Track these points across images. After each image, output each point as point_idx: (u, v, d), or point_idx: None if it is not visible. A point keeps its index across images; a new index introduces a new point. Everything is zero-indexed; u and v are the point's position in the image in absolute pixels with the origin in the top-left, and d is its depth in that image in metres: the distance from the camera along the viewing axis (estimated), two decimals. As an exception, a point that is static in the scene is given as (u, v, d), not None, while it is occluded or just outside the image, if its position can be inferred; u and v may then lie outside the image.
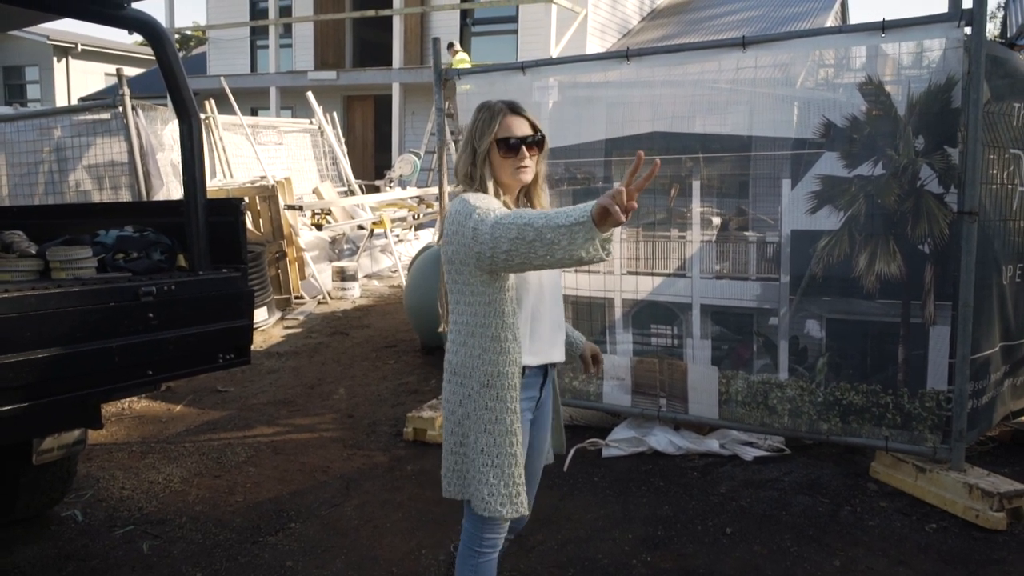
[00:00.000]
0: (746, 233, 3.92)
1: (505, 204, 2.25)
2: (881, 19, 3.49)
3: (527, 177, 2.29)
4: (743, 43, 3.77)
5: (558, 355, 2.40)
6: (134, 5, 3.08)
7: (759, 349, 3.91)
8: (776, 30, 13.40)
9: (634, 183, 1.82)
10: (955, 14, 3.31)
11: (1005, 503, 3.21)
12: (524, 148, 2.26)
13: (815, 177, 3.69)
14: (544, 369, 2.38)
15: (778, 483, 3.74)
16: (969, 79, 3.29)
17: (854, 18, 20.43)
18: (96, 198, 7.24)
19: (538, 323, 2.29)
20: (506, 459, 2.18)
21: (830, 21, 15.33)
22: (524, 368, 2.25)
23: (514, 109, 2.29)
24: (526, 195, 2.36)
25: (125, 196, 7.09)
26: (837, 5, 16.73)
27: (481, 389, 2.19)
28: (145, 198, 6.85)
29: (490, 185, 2.25)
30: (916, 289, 3.52)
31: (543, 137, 2.31)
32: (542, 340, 2.32)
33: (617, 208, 1.79)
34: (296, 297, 8.16)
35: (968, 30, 3.29)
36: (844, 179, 3.62)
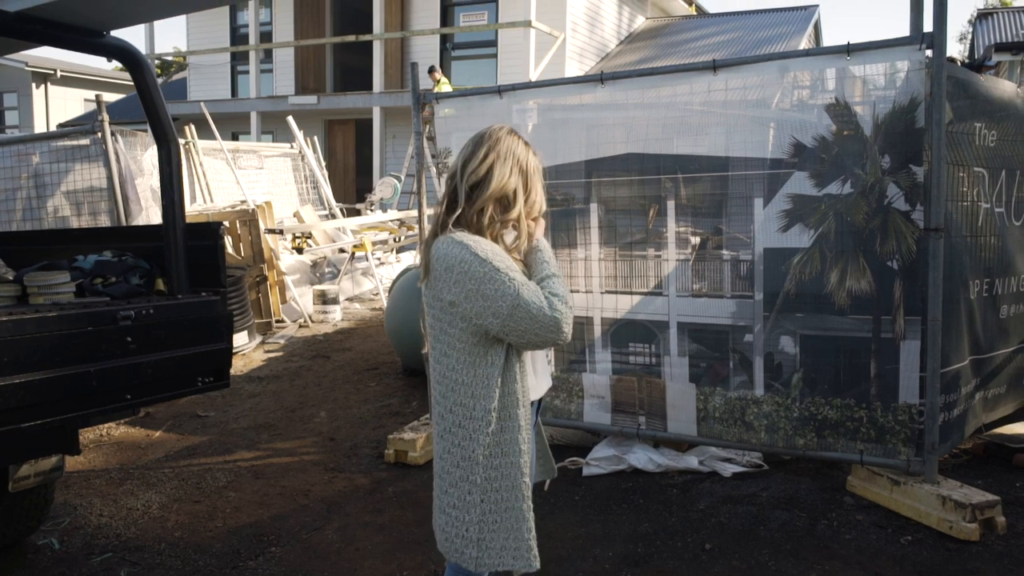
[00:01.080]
0: (721, 251, 3.99)
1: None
2: (846, 42, 3.59)
3: (537, 236, 2.20)
4: (714, 66, 3.85)
5: (547, 383, 2.35)
6: (113, 32, 3.12)
7: (735, 366, 3.96)
8: (750, 53, 13.64)
9: None
10: (916, 37, 3.42)
11: (978, 514, 3.26)
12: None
13: (786, 196, 3.76)
14: (538, 402, 2.32)
15: (756, 498, 3.77)
16: (931, 100, 3.38)
17: (827, 41, 20.85)
18: (75, 224, 7.23)
19: (535, 356, 2.24)
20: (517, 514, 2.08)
21: (803, 44, 15.63)
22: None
23: (528, 145, 2.17)
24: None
25: (104, 222, 7.09)
26: (811, 28, 17.06)
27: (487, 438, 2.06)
28: (124, 224, 6.85)
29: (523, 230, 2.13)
30: (886, 304, 3.59)
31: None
32: (538, 373, 2.26)
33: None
34: (277, 321, 8.14)
35: (929, 53, 3.39)
36: (814, 197, 3.70)
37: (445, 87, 12.37)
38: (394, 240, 10.68)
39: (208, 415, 5.46)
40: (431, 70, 12.81)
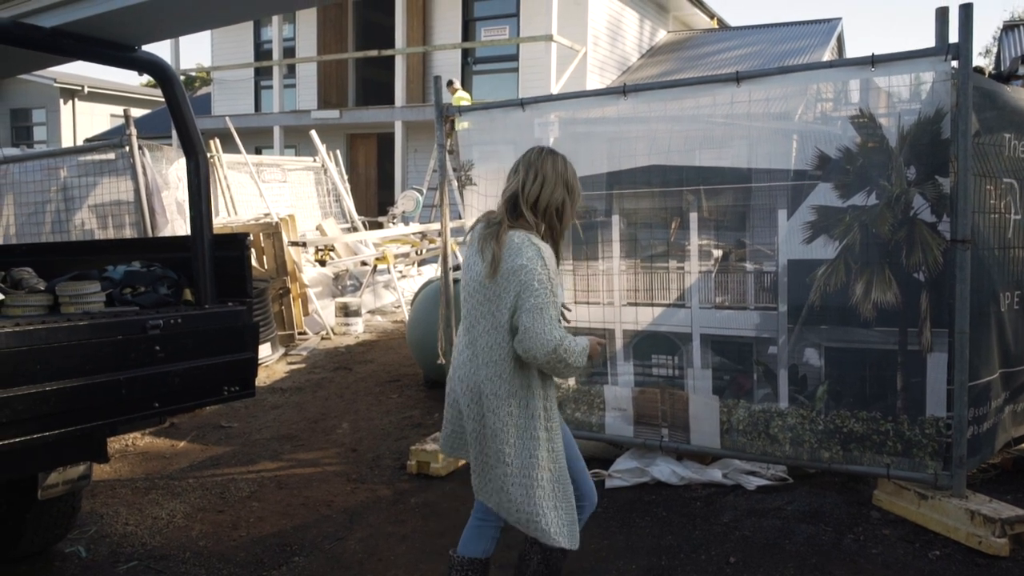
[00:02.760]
0: (744, 263, 3.98)
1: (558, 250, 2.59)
2: (871, 54, 3.58)
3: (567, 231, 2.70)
4: (737, 78, 3.85)
5: None
6: (144, 48, 3.18)
7: (759, 378, 3.93)
8: (773, 65, 13.62)
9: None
10: (942, 48, 3.40)
11: (1008, 529, 3.21)
12: None
13: (810, 207, 3.75)
14: None
15: (781, 512, 3.74)
16: (957, 111, 3.36)
17: (851, 54, 20.75)
18: (100, 236, 7.34)
19: None
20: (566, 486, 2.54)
21: (827, 56, 15.56)
22: None
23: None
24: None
25: (130, 234, 7.19)
26: (834, 41, 17.00)
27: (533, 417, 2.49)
28: (150, 236, 6.94)
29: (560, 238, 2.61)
30: (912, 317, 3.56)
31: None
32: None
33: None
34: (300, 333, 8.20)
35: (955, 63, 3.37)
36: (839, 209, 3.68)
37: (463, 100, 12.45)
38: (416, 253, 10.73)
39: (231, 426, 5.50)
40: (448, 83, 12.92)
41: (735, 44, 17.32)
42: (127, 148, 7.09)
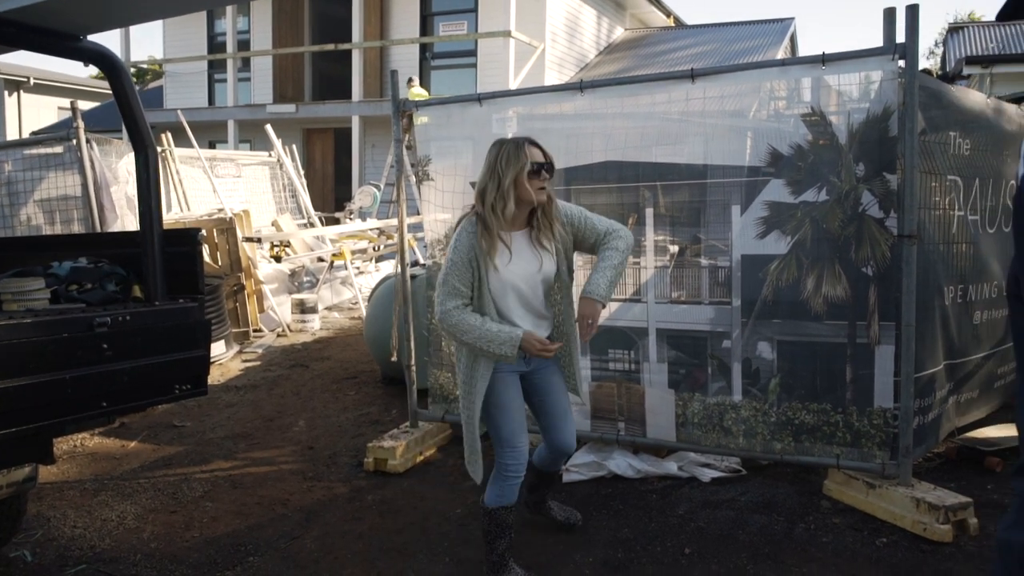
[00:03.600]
0: (699, 258, 4.02)
1: (490, 231, 2.87)
2: (821, 53, 3.65)
3: (544, 197, 2.89)
4: (692, 75, 3.90)
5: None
6: (90, 37, 3.10)
7: (714, 372, 3.99)
8: (727, 63, 13.81)
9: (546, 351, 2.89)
10: (889, 48, 3.48)
11: (951, 516, 3.31)
12: (545, 171, 2.88)
13: (763, 203, 3.81)
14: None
15: (735, 503, 3.80)
16: (904, 109, 3.44)
17: (803, 52, 21.14)
18: (48, 232, 7.13)
19: (510, 312, 2.96)
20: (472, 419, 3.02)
21: (780, 55, 15.84)
22: None
23: (532, 142, 2.90)
24: (543, 213, 2.93)
25: (78, 230, 7.00)
26: (787, 40, 17.30)
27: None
28: (99, 231, 6.77)
29: (510, 205, 2.85)
30: (861, 310, 3.64)
31: (551, 164, 2.91)
32: (515, 324, 2.95)
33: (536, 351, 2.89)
34: (255, 330, 8.08)
35: (902, 63, 3.45)
36: (791, 205, 3.75)
37: (420, 96, 12.38)
38: (373, 249, 10.65)
39: (184, 425, 5.40)
40: (408, 81, 12.85)
41: (691, 42, 17.53)
42: (74, 141, 6.90)
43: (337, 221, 12.94)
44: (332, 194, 17.49)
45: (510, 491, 3.04)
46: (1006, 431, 4.30)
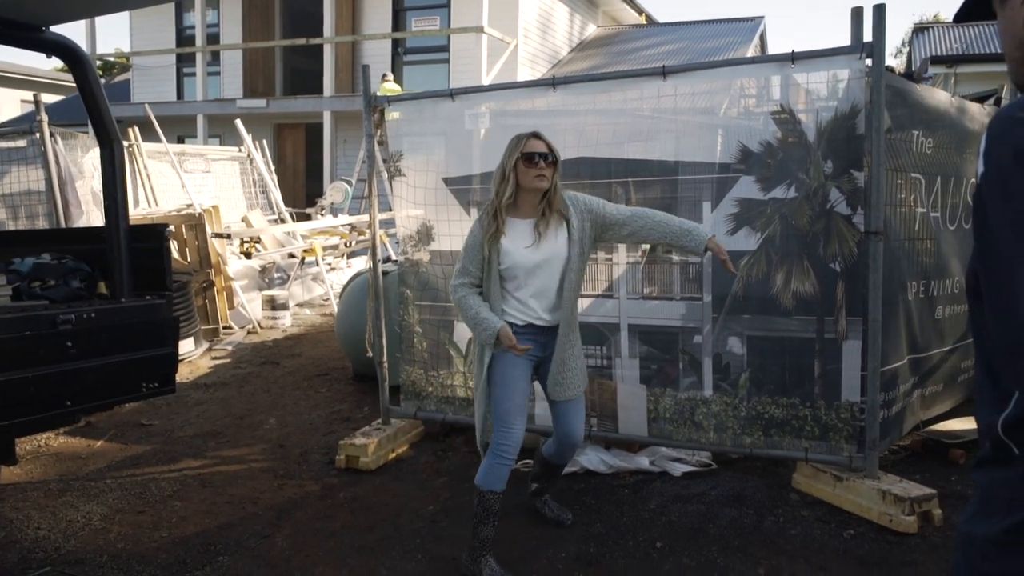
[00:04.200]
0: (671, 255, 4.05)
1: (497, 216, 3.09)
2: (791, 51, 3.69)
3: (544, 184, 3.06)
4: (663, 73, 3.91)
5: (547, 319, 3.18)
6: (53, 28, 3.04)
7: (685, 367, 4.02)
8: (698, 61, 13.90)
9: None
10: (857, 47, 3.52)
11: (916, 507, 3.37)
12: (541, 161, 3.04)
13: (734, 200, 3.84)
14: (531, 327, 3.16)
15: (705, 497, 3.83)
16: (871, 107, 3.49)
17: (772, 51, 21.35)
18: (10, 228, 6.99)
19: (521, 293, 3.14)
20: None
21: (750, 53, 15.97)
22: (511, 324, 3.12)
23: (535, 135, 3.10)
24: (548, 202, 3.10)
25: (42, 226, 6.88)
26: (757, 39, 17.45)
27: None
28: (64, 227, 6.65)
29: (510, 190, 3.07)
30: (829, 306, 3.69)
31: (556, 157, 3.08)
32: (527, 306, 3.15)
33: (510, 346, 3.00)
34: (224, 327, 7.99)
35: (869, 62, 3.50)
36: (761, 201, 3.79)
37: (392, 92, 12.32)
38: (345, 245, 10.57)
39: (152, 424, 5.32)
40: (383, 77, 12.78)
41: (662, 40, 17.61)
42: (38, 135, 6.77)
43: (308, 217, 12.83)
44: (303, 190, 17.33)
45: (497, 473, 3.09)
46: (969, 424, 4.38)
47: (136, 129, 9.96)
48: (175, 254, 7.58)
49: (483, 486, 3.12)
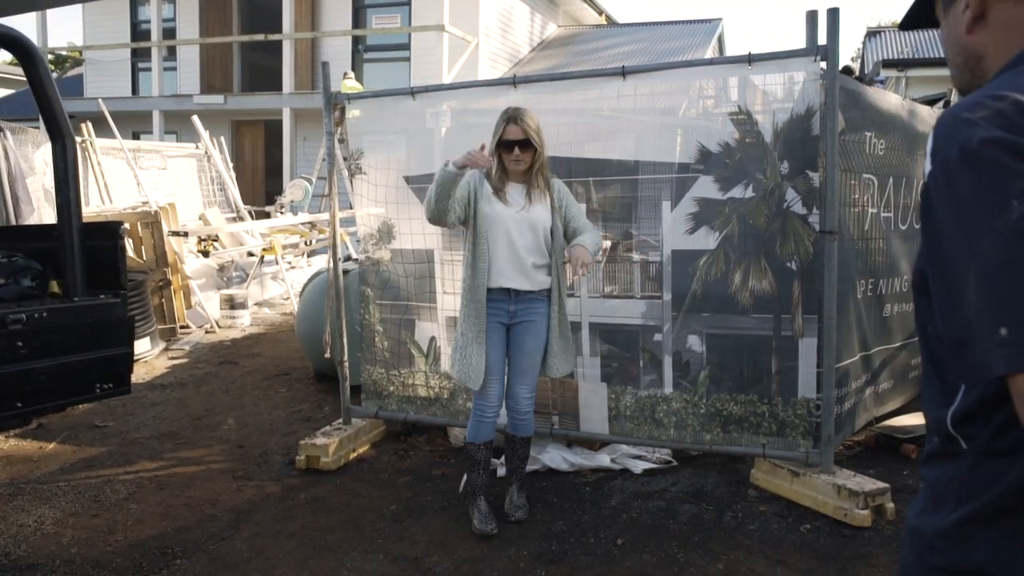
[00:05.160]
0: (631, 254, 4.09)
1: (497, 187, 3.42)
2: (748, 52, 3.75)
3: (521, 168, 3.40)
4: (623, 73, 3.95)
5: (520, 284, 3.44)
6: (2, 21, 2.96)
7: (646, 365, 4.06)
8: (657, 62, 14.04)
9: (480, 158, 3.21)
10: (812, 49, 3.59)
11: (870, 501, 3.45)
12: (517, 148, 3.35)
13: (693, 199, 3.89)
14: (507, 291, 3.44)
15: (666, 493, 3.88)
16: (826, 109, 3.56)
17: (730, 53, 21.64)
18: (-42, 225, 6.77)
19: (497, 249, 3.40)
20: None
21: (708, 55, 16.18)
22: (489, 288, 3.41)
23: (513, 120, 3.35)
24: (532, 180, 3.43)
25: (-9, 223, 6.67)
26: (715, 41, 17.69)
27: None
28: (14, 224, 6.47)
29: (496, 168, 3.39)
30: (786, 304, 3.76)
31: (529, 141, 3.35)
32: (503, 271, 3.40)
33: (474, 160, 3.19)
34: (182, 327, 7.85)
35: (824, 64, 3.57)
36: (719, 201, 3.84)
37: (353, 90, 12.22)
38: (305, 243, 10.46)
39: (107, 425, 5.21)
40: (344, 75, 12.68)
41: (622, 40, 17.76)
42: (-15, 130, 6.57)
43: (268, 215, 12.66)
44: (263, 187, 17.11)
45: (478, 429, 3.51)
46: (920, 419, 4.50)
47: (89, 124, 9.73)
48: (130, 252, 7.43)
49: (468, 439, 3.54)
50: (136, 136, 16.58)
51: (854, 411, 4.08)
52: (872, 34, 16.99)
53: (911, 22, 1.24)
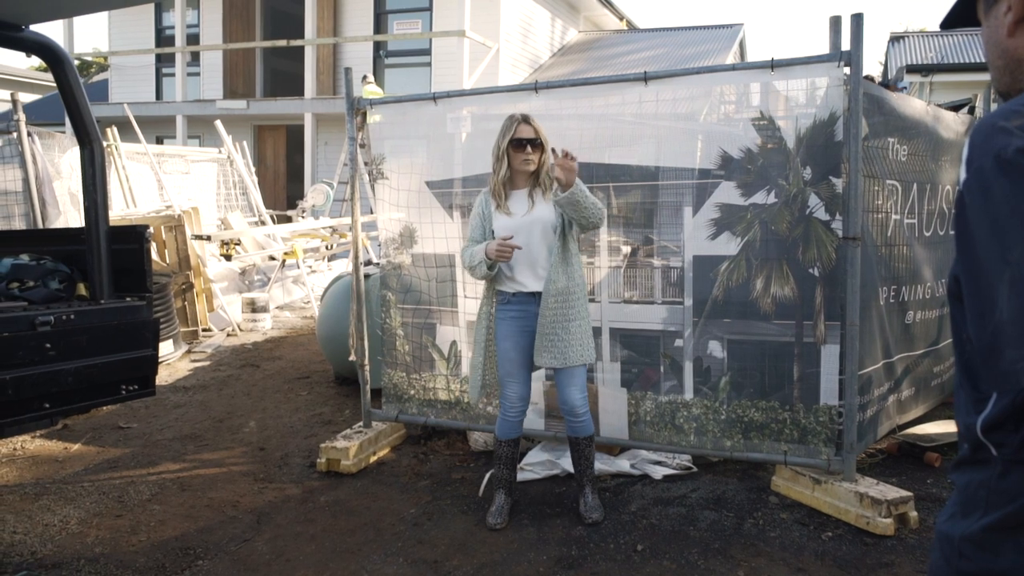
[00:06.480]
0: (652, 259, 4.08)
1: (498, 201, 3.53)
2: (770, 58, 3.73)
3: (530, 168, 3.48)
4: (645, 78, 3.95)
5: (536, 286, 3.53)
6: (32, 28, 3.01)
7: (666, 371, 4.05)
8: (678, 67, 14.00)
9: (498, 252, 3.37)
10: (835, 55, 3.57)
11: (893, 510, 3.41)
12: (528, 146, 3.42)
13: (714, 205, 3.88)
14: (527, 295, 3.54)
15: (686, 500, 3.86)
16: (849, 115, 3.54)
17: (752, 58, 21.55)
18: (-13, 228, 6.90)
19: (514, 266, 3.52)
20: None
21: (730, 60, 16.13)
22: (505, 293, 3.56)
23: (525, 120, 3.46)
24: (536, 182, 3.51)
25: (19, 226, 6.79)
26: (736, 45, 17.62)
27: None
28: (41, 227, 6.57)
29: (504, 170, 3.46)
30: (808, 310, 3.74)
31: (541, 142, 3.46)
32: (518, 276, 3.53)
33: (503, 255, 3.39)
34: (204, 330, 7.93)
35: (847, 70, 3.55)
36: (741, 207, 3.83)
37: (374, 95, 12.29)
38: (326, 248, 10.53)
39: (131, 427, 5.27)
40: (363, 79, 12.75)
41: (643, 45, 17.73)
42: (15, 135, 6.69)
43: (289, 219, 12.77)
44: (284, 192, 17.26)
45: (504, 426, 3.62)
46: (944, 427, 4.45)
47: (115, 129, 9.86)
48: (154, 256, 7.51)
49: (497, 436, 3.66)
50: (160, 141, 16.78)
51: (877, 418, 4.04)
52: (896, 39, 16.84)
53: (952, 21, 1.23)
